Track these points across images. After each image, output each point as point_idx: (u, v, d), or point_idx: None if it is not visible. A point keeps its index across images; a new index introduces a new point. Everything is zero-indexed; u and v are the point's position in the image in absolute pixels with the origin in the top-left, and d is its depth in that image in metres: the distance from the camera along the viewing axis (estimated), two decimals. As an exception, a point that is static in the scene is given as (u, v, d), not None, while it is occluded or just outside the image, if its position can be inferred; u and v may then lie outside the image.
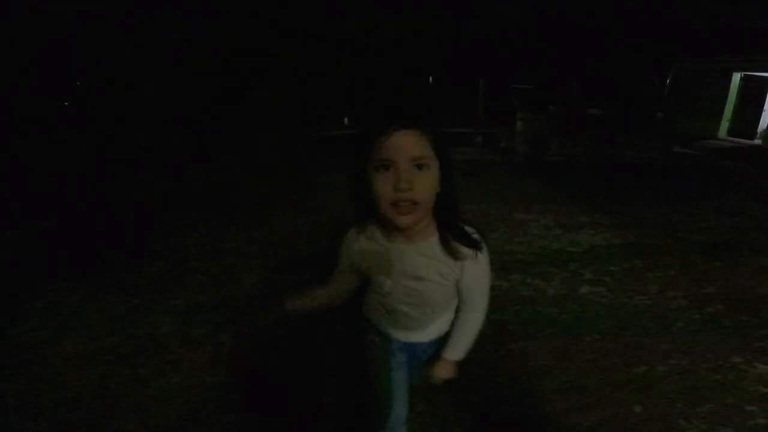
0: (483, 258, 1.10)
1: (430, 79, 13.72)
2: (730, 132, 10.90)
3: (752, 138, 10.47)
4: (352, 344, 2.00)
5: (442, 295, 1.14)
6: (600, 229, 4.41)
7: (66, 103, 11.48)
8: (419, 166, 0.91)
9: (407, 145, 0.89)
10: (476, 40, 14.00)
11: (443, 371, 1.26)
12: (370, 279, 1.18)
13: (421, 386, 1.70)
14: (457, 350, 1.27)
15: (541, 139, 8.10)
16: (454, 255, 1.05)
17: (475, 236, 1.08)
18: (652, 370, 2.22)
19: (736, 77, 10.77)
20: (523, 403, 1.99)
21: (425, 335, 1.26)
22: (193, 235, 4.09)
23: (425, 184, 0.92)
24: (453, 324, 1.27)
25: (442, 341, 1.28)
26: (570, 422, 1.87)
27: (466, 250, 1.06)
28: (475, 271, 1.11)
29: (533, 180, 6.62)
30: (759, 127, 10.45)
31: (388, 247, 1.06)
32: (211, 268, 3.38)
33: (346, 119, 9.97)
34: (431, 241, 1.05)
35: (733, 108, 10.89)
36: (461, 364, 1.30)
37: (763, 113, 10.36)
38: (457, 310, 1.25)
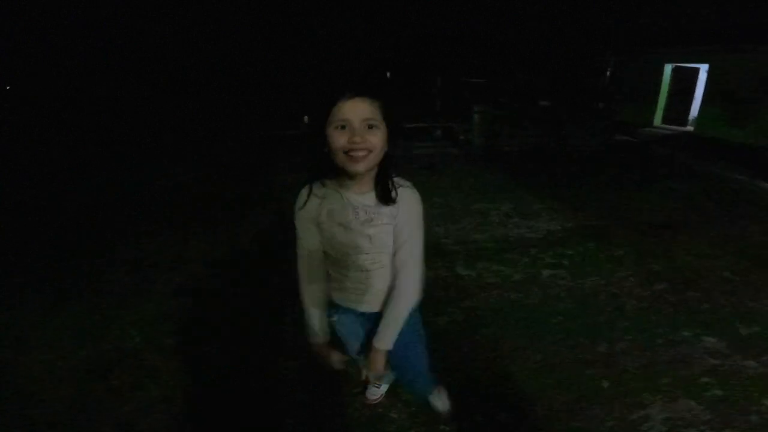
0: (414, 196, 1.24)
1: (388, 74, 13.82)
2: (665, 120, 11.69)
3: (684, 125, 11.31)
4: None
5: (389, 237, 1.22)
6: (555, 215, 4.66)
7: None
8: (370, 126, 1.08)
9: (360, 109, 1.06)
10: (431, 36, 14.28)
11: (374, 363, 1.32)
12: (326, 244, 1.26)
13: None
14: (385, 339, 1.30)
15: (495, 131, 8.40)
16: (392, 198, 1.19)
17: (407, 183, 1.24)
18: (613, 346, 2.41)
19: (668, 68, 11.51)
20: (501, 385, 2.11)
21: (373, 304, 1.33)
22: (156, 242, 3.94)
23: (375, 139, 1.09)
24: (385, 305, 1.30)
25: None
26: (548, 400, 2.01)
27: (402, 191, 1.21)
28: (407, 207, 1.21)
29: (491, 171, 6.85)
30: (690, 114, 11.31)
31: (342, 194, 1.19)
32: (176, 276, 3.28)
33: (306, 117, 9.82)
34: (375, 191, 1.20)
35: (666, 97, 11.68)
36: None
37: (693, 101, 11.21)
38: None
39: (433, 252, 3.66)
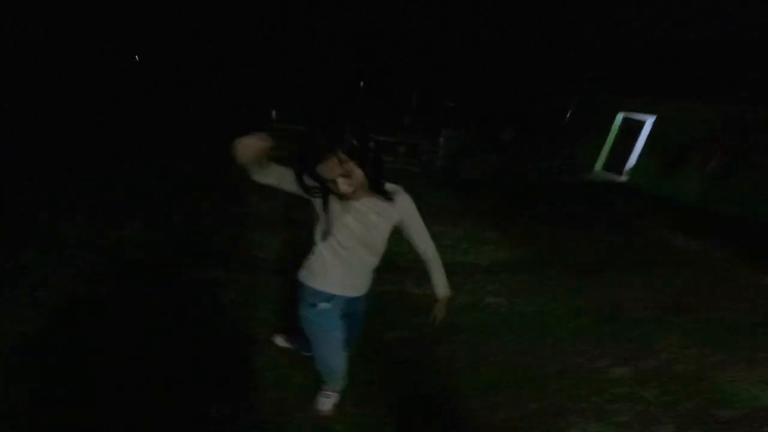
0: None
1: (361, 83, 14.00)
2: (605, 166, 12.43)
3: (620, 174, 12.00)
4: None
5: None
6: (501, 245, 5.03)
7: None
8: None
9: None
10: (411, 54, 14.68)
11: (444, 309, 1.81)
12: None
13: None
14: (445, 287, 1.80)
15: (459, 156, 8.79)
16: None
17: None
18: (544, 370, 2.73)
19: (620, 117, 12.14)
20: (449, 401, 2.34)
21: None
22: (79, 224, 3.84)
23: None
24: (427, 270, 1.79)
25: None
26: (487, 419, 2.27)
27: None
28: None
29: (449, 194, 7.20)
30: (627, 164, 12.02)
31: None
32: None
33: (273, 113, 9.76)
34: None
35: (611, 145, 12.37)
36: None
37: (633, 152, 11.90)
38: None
39: (386, 267, 3.87)
